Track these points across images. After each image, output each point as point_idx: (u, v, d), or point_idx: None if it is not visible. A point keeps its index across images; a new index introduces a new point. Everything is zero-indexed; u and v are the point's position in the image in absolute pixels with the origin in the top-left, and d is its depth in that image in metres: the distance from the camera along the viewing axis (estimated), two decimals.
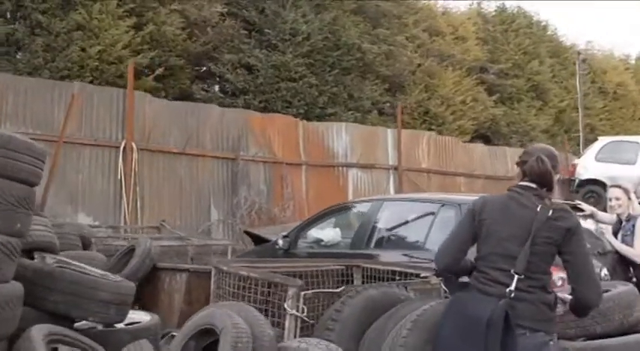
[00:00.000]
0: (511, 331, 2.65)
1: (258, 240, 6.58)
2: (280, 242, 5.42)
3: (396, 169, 10.81)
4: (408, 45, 16.16)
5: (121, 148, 8.46)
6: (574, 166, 13.68)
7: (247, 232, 7.46)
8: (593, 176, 13.17)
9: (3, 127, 7.78)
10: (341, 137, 10.75)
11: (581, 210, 4.91)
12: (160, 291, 4.77)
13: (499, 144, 16.91)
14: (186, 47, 12.90)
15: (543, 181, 2.84)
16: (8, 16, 10.76)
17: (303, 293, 3.16)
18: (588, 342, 3.17)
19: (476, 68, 17.82)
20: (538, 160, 2.83)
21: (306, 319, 3.15)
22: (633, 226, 4.73)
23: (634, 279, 4.55)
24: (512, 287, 2.73)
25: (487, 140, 17.19)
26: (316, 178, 10.01)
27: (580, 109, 18.59)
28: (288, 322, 3.13)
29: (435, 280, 3.56)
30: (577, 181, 13.42)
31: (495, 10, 19.63)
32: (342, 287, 3.48)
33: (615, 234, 4.83)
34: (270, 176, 9.52)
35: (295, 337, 3.12)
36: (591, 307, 2.88)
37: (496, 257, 2.82)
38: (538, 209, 2.79)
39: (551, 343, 2.78)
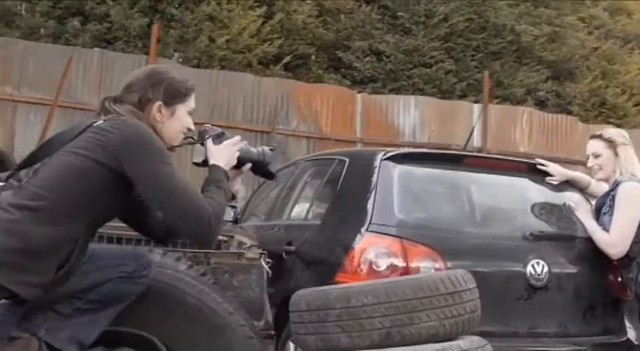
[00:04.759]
0: None
1: None
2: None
3: (480, 151, 9.20)
4: (580, 26, 14.14)
5: None
6: None
7: None
8: None
9: (22, 91, 8.27)
10: (409, 112, 9.44)
11: (547, 174, 3.16)
12: None
13: None
14: (319, 35, 12.74)
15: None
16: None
17: None
18: None
19: None
20: None
21: None
22: (613, 198, 3.05)
23: (619, 279, 3.06)
24: None
25: None
26: None
27: None
28: None
29: (253, 253, 2.74)
30: None
31: None
32: None
33: (599, 210, 3.14)
34: (314, 152, 8.74)
35: None
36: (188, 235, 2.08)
37: None
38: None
39: None
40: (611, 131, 3.29)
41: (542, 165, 3.22)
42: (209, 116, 8.18)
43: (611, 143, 3.13)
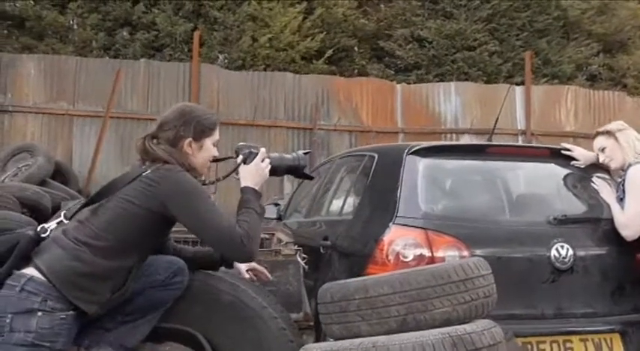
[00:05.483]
0: None
1: None
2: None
3: (524, 133, 9.04)
4: None
5: None
6: None
7: None
8: None
9: (77, 105, 8.76)
10: (449, 99, 9.39)
11: (570, 158, 3.24)
12: None
13: None
14: (360, 26, 12.80)
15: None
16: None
17: None
18: (321, 344, 2.16)
19: None
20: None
21: None
22: (624, 182, 3.13)
23: None
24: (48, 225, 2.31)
25: None
26: None
27: None
28: None
29: (290, 249, 2.92)
30: None
31: None
32: None
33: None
34: (356, 146, 8.82)
35: None
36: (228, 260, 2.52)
37: None
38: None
39: (40, 314, 2.14)
40: (607, 125, 3.37)
41: (567, 150, 3.28)
42: (253, 116, 8.43)
43: (609, 133, 3.25)
